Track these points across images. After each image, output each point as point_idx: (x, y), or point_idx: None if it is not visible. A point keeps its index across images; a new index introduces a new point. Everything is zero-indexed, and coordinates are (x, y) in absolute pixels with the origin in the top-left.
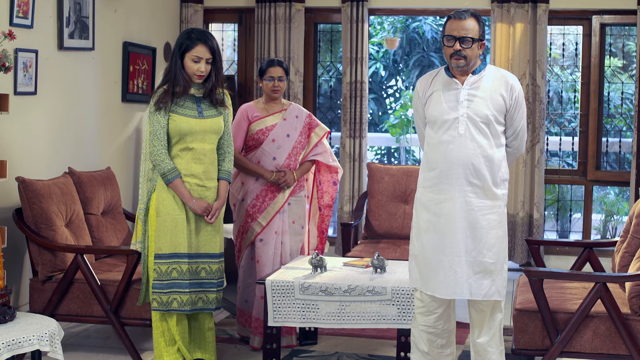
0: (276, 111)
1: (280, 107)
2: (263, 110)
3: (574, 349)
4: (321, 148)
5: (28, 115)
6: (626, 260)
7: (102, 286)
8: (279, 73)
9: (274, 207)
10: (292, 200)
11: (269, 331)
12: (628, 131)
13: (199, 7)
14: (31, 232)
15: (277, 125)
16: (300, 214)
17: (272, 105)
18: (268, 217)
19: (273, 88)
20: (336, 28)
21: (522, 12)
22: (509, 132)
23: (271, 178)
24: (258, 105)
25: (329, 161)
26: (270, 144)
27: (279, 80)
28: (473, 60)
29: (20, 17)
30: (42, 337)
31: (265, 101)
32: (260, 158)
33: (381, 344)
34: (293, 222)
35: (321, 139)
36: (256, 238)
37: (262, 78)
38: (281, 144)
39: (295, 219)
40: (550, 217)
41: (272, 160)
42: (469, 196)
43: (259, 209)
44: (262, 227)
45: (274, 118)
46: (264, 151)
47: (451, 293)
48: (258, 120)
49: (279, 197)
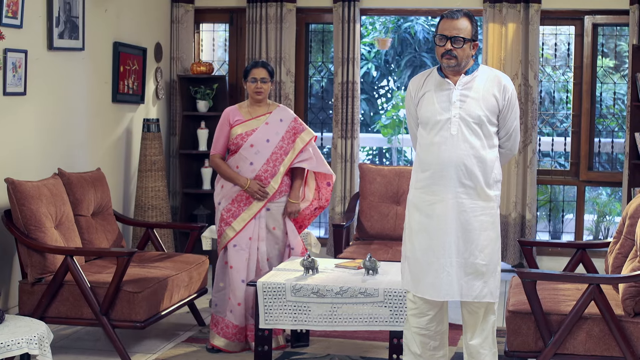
0: (260, 114)
1: (265, 110)
2: (246, 113)
3: (568, 351)
4: (307, 154)
5: (17, 116)
6: (619, 262)
7: (92, 288)
8: (262, 74)
9: (249, 213)
10: (272, 206)
11: (260, 333)
12: (620, 131)
13: (190, 7)
14: (20, 233)
15: (257, 130)
16: (282, 220)
17: (256, 108)
18: (242, 223)
19: (256, 90)
20: (328, 28)
21: (514, 12)
22: (502, 132)
23: (245, 187)
24: (242, 108)
25: (317, 168)
26: (248, 149)
27: (262, 82)
28: (464, 61)
29: (10, 17)
30: (31, 341)
31: (250, 104)
32: (238, 163)
33: (373, 346)
34: (274, 228)
35: (307, 145)
36: (229, 243)
37: (245, 79)
38: (260, 149)
39: (276, 225)
40: (543, 218)
41: (249, 165)
42: (462, 197)
43: (233, 214)
44: (235, 232)
45: (256, 122)
46: (242, 156)
47: (442, 295)
48: (239, 124)
49: (254, 204)
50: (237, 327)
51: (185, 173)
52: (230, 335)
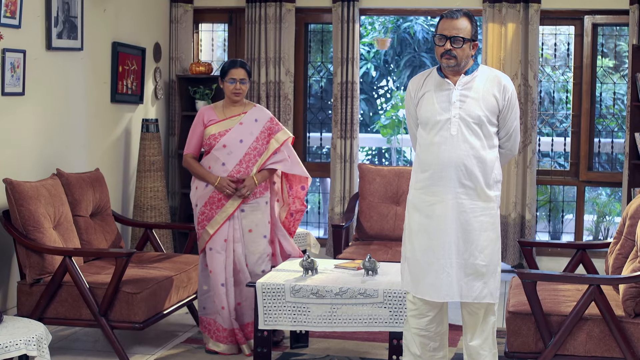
0: (234, 114)
1: (240, 110)
2: (221, 113)
3: (568, 352)
4: (280, 156)
5: (16, 116)
6: (620, 262)
7: (91, 289)
8: (242, 75)
9: (222, 215)
10: (247, 208)
11: (260, 334)
12: (620, 132)
13: (189, 7)
14: (19, 234)
15: (231, 130)
16: (260, 221)
17: (231, 108)
18: (216, 225)
19: (235, 91)
20: (327, 28)
21: (513, 12)
22: (502, 133)
23: (215, 184)
24: (217, 108)
25: (291, 170)
26: (221, 150)
27: (241, 83)
28: (464, 61)
29: (8, 16)
30: (29, 342)
31: (225, 104)
32: (211, 163)
33: (373, 347)
34: (250, 230)
35: (281, 146)
36: (206, 246)
37: (222, 79)
38: (232, 149)
39: (252, 227)
40: (542, 218)
41: (221, 166)
42: (461, 198)
43: (207, 216)
44: (210, 235)
45: (230, 122)
46: (214, 156)
47: (442, 296)
48: (213, 124)
49: (227, 205)
50: (227, 330)
51: (184, 173)
52: (223, 339)
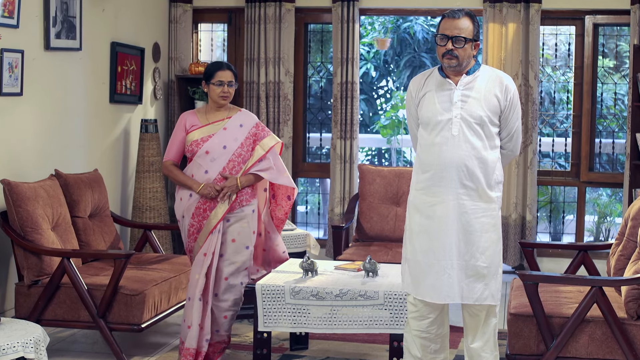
0: (218, 120)
1: (224, 115)
2: (204, 118)
3: (570, 354)
4: (266, 163)
5: (14, 116)
6: (622, 264)
7: (89, 290)
8: (229, 77)
9: (208, 227)
10: (232, 217)
11: (259, 336)
12: (620, 132)
13: (188, 7)
14: (17, 235)
15: (214, 136)
16: (243, 231)
17: (215, 113)
18: (204, 238)
19: (222, 94)
20: (327, 28)
21: (514, 12)
22: (504, 133)
23: (198, 190)
24: (199, 113)
25: (276, 180)
26: (204, 156)
27: (229, 86)
28: (466, 61)
29: (6, 16)
30: (27, 344)
31: (209, 108)
32: (193, 171)
33: (373, 349)
34: (233, 240)
35: (266, 153)
36: None
37: (208, 82)
38: (216, 156)
39: (235, 236)
40: (543, 219)
41: (204, 173)
42: (463, 199)
43: (197, 229)
44: (200, 246)
45: (213, 127)
46: (196, 163)
47: (442, 297)
48: (196, 130)
49: (211, 216)
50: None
51: None
52: None
